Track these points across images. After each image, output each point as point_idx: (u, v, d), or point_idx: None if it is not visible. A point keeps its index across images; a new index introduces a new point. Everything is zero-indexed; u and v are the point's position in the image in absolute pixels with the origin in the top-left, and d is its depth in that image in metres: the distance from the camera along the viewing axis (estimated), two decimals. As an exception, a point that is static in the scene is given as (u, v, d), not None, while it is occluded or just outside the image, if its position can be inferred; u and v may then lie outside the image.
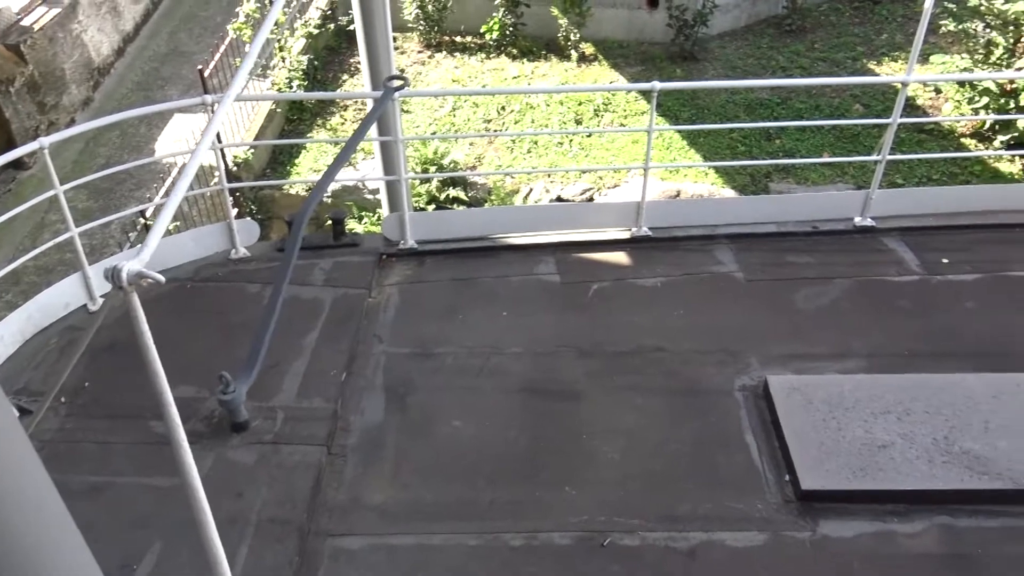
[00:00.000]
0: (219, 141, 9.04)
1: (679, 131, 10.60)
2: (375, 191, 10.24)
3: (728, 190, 10.28)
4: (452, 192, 10.34)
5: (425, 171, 10.38)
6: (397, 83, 4.06)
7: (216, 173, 5.49)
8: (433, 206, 10.19)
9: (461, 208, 9.88)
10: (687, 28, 11.59)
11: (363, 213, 10.60)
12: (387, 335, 4.99)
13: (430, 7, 12.32)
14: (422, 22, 12.50)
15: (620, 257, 5.61)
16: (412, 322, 5.09)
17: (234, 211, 5.53)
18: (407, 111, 11.63)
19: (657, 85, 5.18)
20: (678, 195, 9.84)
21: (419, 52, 12.77)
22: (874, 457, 3.97)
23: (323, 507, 3.98)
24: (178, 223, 8.89)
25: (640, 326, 4.99)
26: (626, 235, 5.73)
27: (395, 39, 12.76)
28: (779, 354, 4.72)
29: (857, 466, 3.94)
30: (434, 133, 11.27)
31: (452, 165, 10.59)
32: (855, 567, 3.65)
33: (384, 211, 6.55)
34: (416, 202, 10.32)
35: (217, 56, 10.81)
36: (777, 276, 5.34)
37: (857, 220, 5.74)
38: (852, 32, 12.56)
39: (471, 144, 11.19)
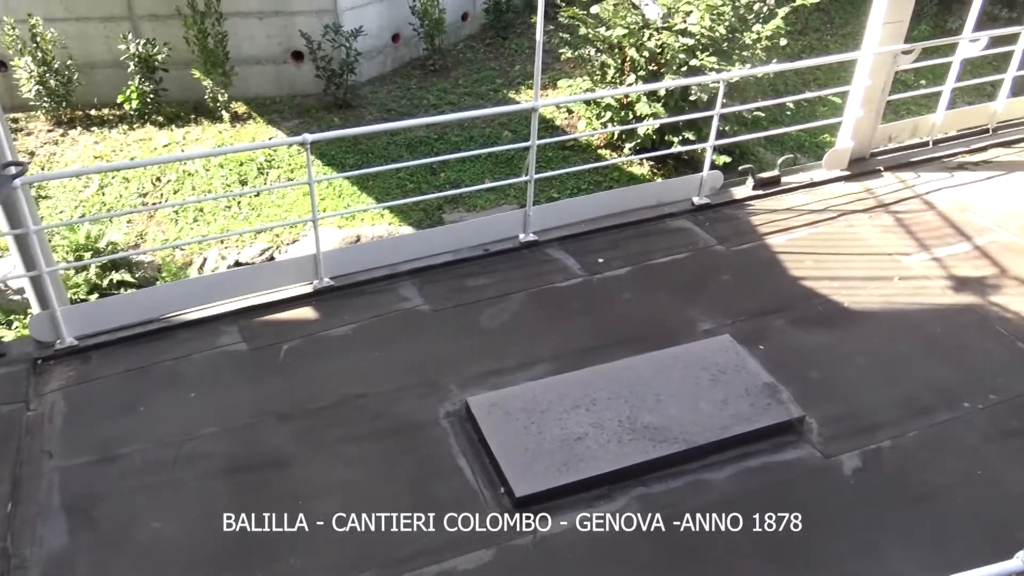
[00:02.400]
0: None
1: (346, 178, 10.70)
2: (22, 290, 9.08)
3: (406, 227, 10.55)
4: (116, 276, 9.47)
5: (79, 259, 9.41)
6: (14, 169, 3.65)
7: None
8: (96, 295, 9.26)
9: (130, 291, 9.09)
10: (336, 77, 11.75)
11: (12, 317, 9.34)
12: (58, 448, 4.43)
13: (52, 82, 11.24)
14: (46, 99, 11.36)
15: (307, 312, 5.53)
16: (86, 427, 4.58)
17: None
18: (45, 196, 10.49)
19: (308, 137, 5.20)
20: (358, 240, 9.92)
21: (49, 131, 11.58)
22: (573, 450, 4.28)
23: (9, 663, 3.42)
24: None
25: (338, 377, 4.94)
26: (309, 289, 5.66)
27: (16, 120, 11.50)
28: (475, 375, 4.93)
29: (560, 462, 4.22)
30: (81, 216, 10.27)
31: (110, 247, 9.71)
32: (576, 555, 3.90)
33: (35, 310, 5.83)
34: (75, 294, 9.31)
35: None
36: (460, 302, 5.58)
37: (521, 237, 6.20)
38: (489, 67, 13.56)
39: (129, 222, 10.36)
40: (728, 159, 9.86)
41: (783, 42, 10.42)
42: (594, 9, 10.58)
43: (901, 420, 4.63)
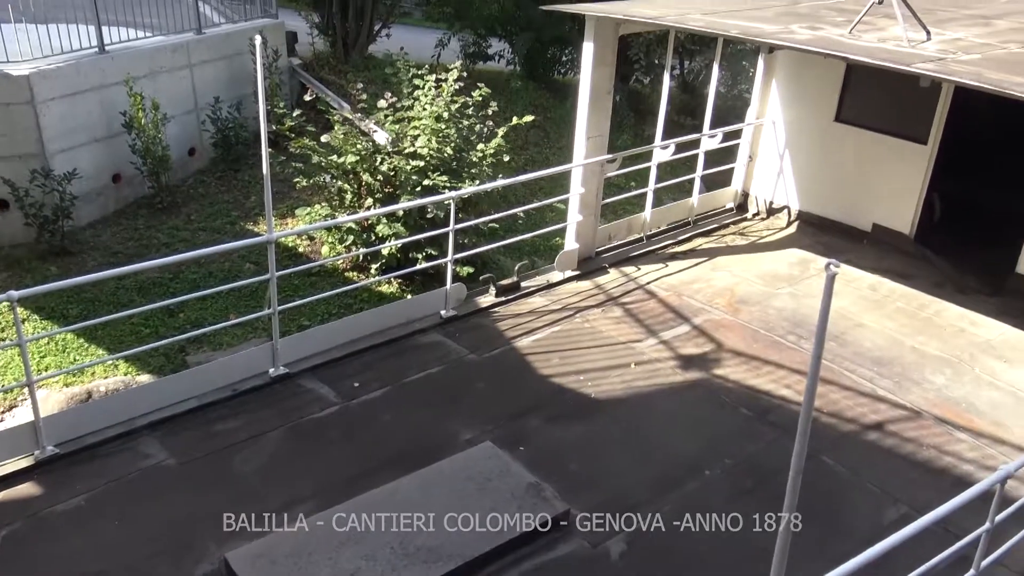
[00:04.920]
0: None
1: (68, 331, 9.77)
2: None
3: (146, 376, 9.78)
4: None
5: None
6: None
7: None
8: None
9: None
10: (50, 224, 10.86)
11: None
12: None
13: None
14: None
15: (28, 489, 4.89)
16: None
17: None
18: None
19: (15, 294, 4.73)
20: (89, 397, 9.02)
21: None
22: (347, 589, 4.08)
23: None
24: None
25: (72, 557, 4.38)
26: (29, 462, 5.03)
27: None
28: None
29: (335, 605, 4.00)
30: None
31: None
32: None
33: None
34: None
35: None
36: (210, 450, 5.23)
37: (272, 371, 5.97)
38: (223, 200, 13.23)
39: None
40: (472, 270, 10.26)
41: (507, 158, 11.20)
42: (324, 138, 10.77)
43: (655, 497, 4.93)
